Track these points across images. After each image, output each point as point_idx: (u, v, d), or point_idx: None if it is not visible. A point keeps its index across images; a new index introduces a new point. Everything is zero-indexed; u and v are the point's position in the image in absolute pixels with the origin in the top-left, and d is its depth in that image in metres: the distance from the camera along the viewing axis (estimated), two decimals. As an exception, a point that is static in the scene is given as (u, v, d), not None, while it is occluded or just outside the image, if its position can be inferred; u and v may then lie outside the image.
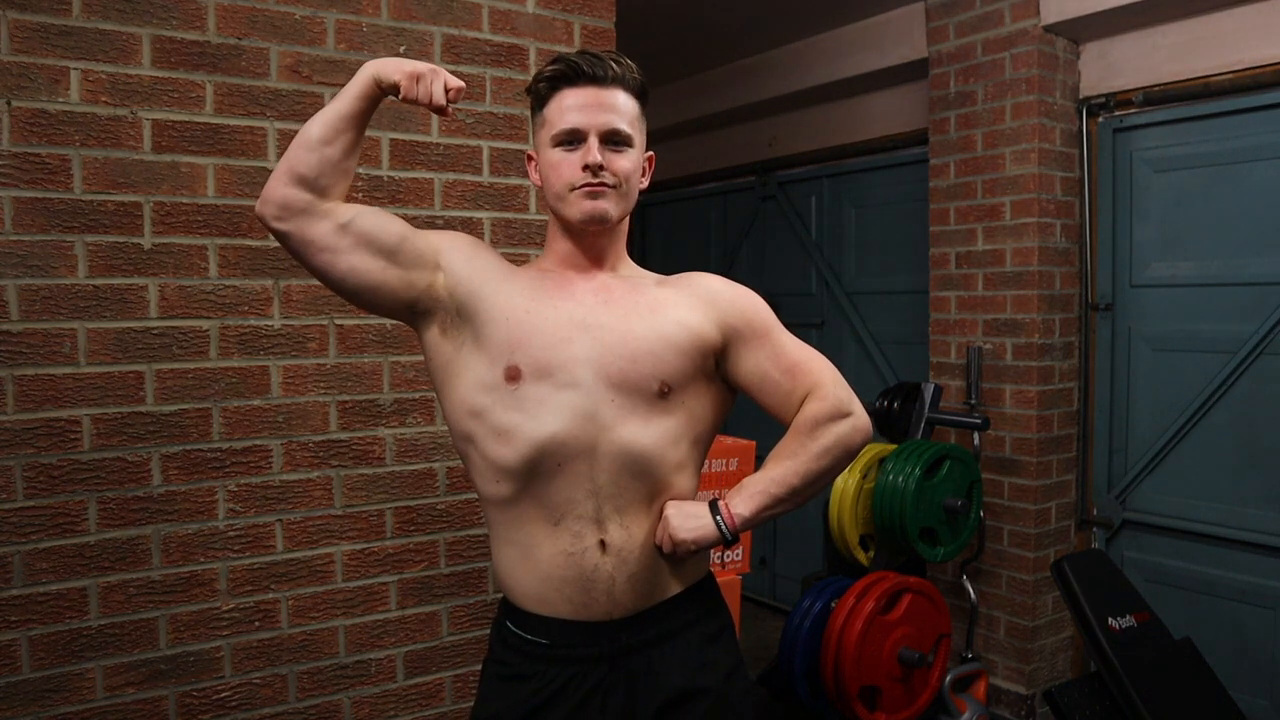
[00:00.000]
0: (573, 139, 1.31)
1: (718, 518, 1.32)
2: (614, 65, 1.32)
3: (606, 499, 1.28)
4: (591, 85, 1.31)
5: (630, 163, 1.33)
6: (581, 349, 1.29)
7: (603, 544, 1.28)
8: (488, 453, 1.30)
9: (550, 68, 1.33)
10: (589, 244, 1.37)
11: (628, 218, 1.40)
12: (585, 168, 1.29)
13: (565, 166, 1.31)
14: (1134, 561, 3.28)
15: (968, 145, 3.39)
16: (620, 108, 1.32)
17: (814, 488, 1.36)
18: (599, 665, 1.30)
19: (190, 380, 1.92)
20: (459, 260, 1.34)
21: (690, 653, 1.35)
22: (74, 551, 1.81)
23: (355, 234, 1.28)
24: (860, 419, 1.36)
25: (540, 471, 1.27)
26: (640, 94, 1.36)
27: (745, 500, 1.33)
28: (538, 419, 1.26)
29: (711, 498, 1.35)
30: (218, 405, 1.95)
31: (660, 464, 1.32)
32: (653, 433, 1.31)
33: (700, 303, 1.37)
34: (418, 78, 1.27)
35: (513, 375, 1.28)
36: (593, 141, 1.30)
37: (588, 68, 1.31)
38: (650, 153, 1.42)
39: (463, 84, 1.31)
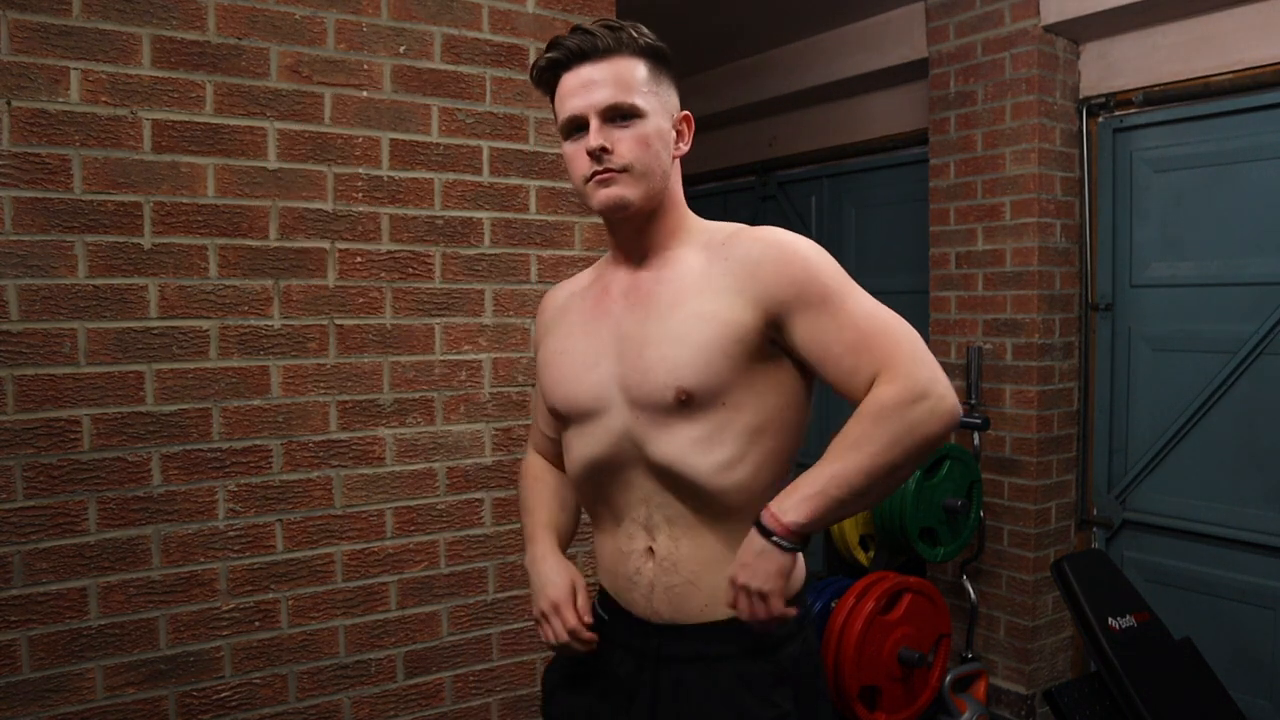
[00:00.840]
0: (576, 127, 1.23)
1: (773, 539, 1.14)
2: (607, 33, 1.21)
3: (656, 508, 1.27)
4: (585, 63, 1.21)
5: (639, 136, 1.21)
6: (606, 371, 1.27)
7: (650, 550, 1.27)
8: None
9: (544, 56, 1.25)
10: (626, 234, 1.29)
11: (670, 191, 1.28)
12: (589, 153, 1.20)
13: (576, 158, 1.23)
14: (1134, 561, 3.28)
15: (968, 145, 3.39)
16: (619, 78, 1.21)
17: (884, 486, 1.17)
18: (634, 656, 1.30)
19: (190, 380, 1.92)
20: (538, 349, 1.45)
21: (717, 689, 1.24)
22: (74, 551, 1.81)
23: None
24: (942, 402, 1.14)
25: (599, 481, 1.32)
26: (649, 53, 1.24)
27: (798, 504, 1.15)
28: (583, 444, 1.32)
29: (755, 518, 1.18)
30: (218, 405, 1.95)
31: (695, 472, 1.21)
32: (678, 443, 1.22)
33: (734, 279, 1.21)
34: (537, 621, 1.34)
35: (557, 414, 1.36)
36: (594, 124, 1.20)
37: (576, 45, 1.21)
38: (685, 112, 1.30)
39: (577, 624, 1.30)
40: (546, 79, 1.26)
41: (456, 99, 2.20)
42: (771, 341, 1.22)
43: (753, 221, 1.32)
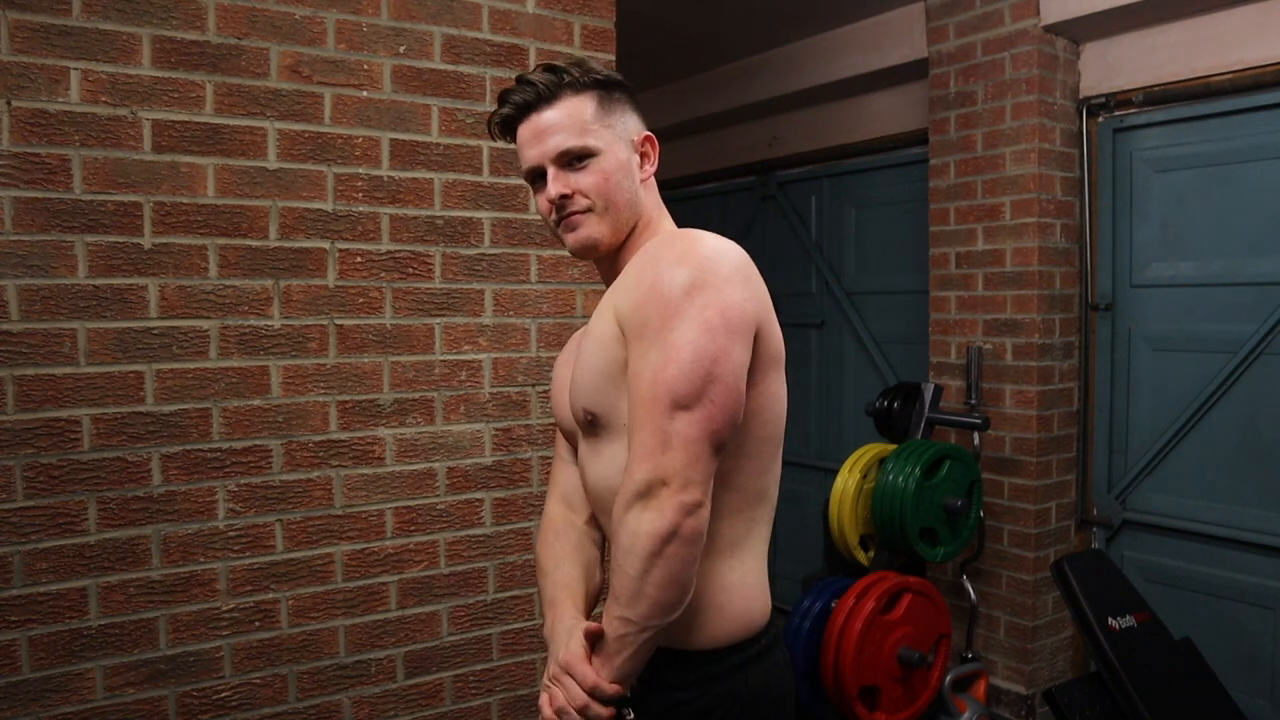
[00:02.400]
0: (537, 176, 1.26)
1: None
2: (549, 77, 1.22)
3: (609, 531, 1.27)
4: (533, 113, 1.24)
5: (598, 174, 1.22)
6: (568, 395, 1.31)
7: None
8: None
9: (496, 113, 1.28)
10: (604, 266, 1.31)
11: (642, 218, 1.27)
12: (550, 203, 1.23)
13: (543, 206, 1.26)
14: (1134, 561, 3.28)
15: (968, 145, 3.39)
16: (563, 122, 1.22)
17: (650, 603, 1.07)
18: None
19: (190, 380, 1.92)
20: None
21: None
22: (74, 551, 1.81)
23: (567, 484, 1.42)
24: (659, 499, 1.05)
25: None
26: (596, 87, 1.24)
27: (605, 662, 1.12)
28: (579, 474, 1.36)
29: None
30: (218, 405, 1.95)
31: (612, 499, 1.18)
32: (601, 465, 1.23)
33: (621, 281, 1.20)
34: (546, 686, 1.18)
35: (566, 437, 1.40)
36: (550, 172, 1.22)
37: (521, 99, 1.24)
38: (645, 133, 1.29)
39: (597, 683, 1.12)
40: (506, 133, 1.29)
41: (456, 99, 2.20)
42: None
43: (752, 222, 1.32)
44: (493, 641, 2.29)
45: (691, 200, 5.20)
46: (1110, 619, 2.59)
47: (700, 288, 1.09)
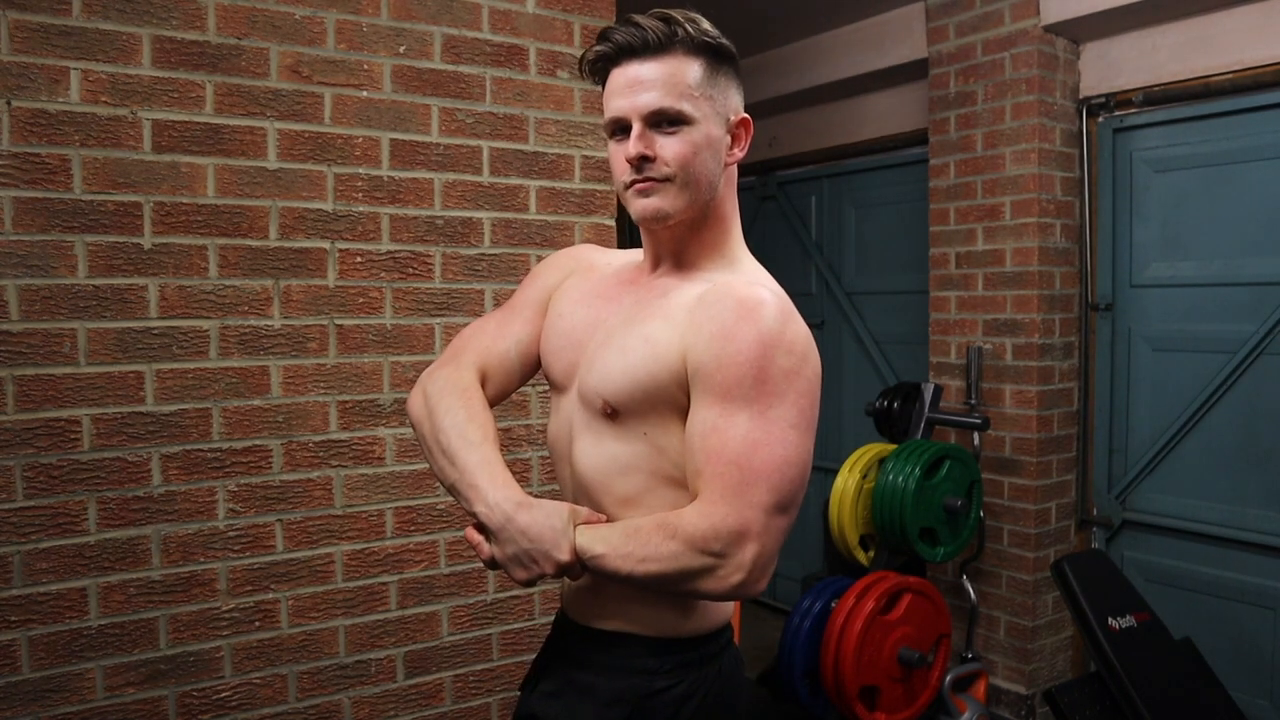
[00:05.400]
0: (620, 128, 1.16)
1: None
2: (660, 26, 1.12)
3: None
4: (633, 60, 1.13)
5: (687, 144, 1.13)
6: (580, 355, 1.24)
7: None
8: None
9: (593, 49, 1.17)
10: (658, 241, 1.22)
11: (718, 204, 1.19)
12: (629, 161, 1.13)
13: (617, 161, 1.16)
14: (1134, 561, 3.28)
15: (968, 145, 3.39)
16: (669, 79, 1.12)
17: (638, 585, 1.10)
18: (556, 650, 1.32)
19: (190, 380, 1.92)
20: (553, 285, 1.37)
21: (587, 707, 1.20)
22: (74, 551, 1.81)
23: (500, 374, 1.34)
24: (730, 576, 1.06)
25: (556, 459, 1.32)
26: (707, 51, 1.15)
27: (595, 539, 1.11)
28: (552, 417, 1.32)
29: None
30: (218, 405, 1.95)
31: (603, 493, 1.19)
32: (600, 454, 1.19)
33: (688, 318, 1.13)
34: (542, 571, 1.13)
35: (544, 372, 1.34)
36: (636, 129, 1.13)
37: (624, 40, 1.13)
38: (743, 115, 1.20)
39: None
40: (596, 72, 1.19)
41: (456, 99, 2.20)
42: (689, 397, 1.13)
43: (752, 222, 1.30)
44: (493, 641, 2.29)
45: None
46: (1110, 619, 2.59)
47: (797, 374, 1.09)
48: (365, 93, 2.09)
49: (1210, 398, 3.05)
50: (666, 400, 1.13)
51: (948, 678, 3.01)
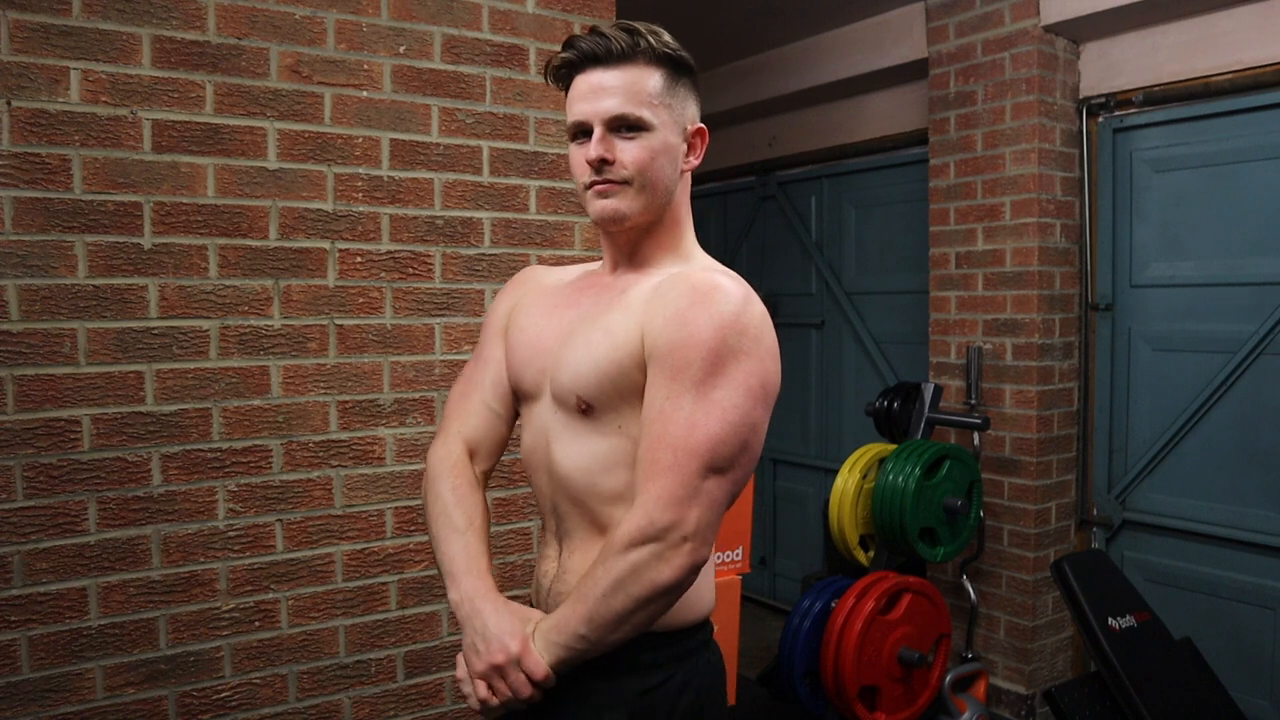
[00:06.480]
0: (583, 131, 1.20)
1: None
2: (623, 37, 1.18)
3: (561, 517, 1.26)
4: (597, 68, 1.19)
5: (644, 150, 1.18)
6: (547, 360, 1.26)
7: (559, 556, 1.27)
8: None
9: (558, 55, 1.23)
10: (617, 243, 1.27)
11: (672, 208, 1.25)
12: (589, 163, 1.19)
13: (578, 163, 1.21)
14: (1134, 561, 3.28)
15: (968, 145, 3.39)
16: (630, 87, 1.18)
17: (616, 634, 1.11)
18: None
19: (190, 380, 1.92)
20: (506, 313, 1.39)
21: (586, 712, 1.20)
22: (74, 551, 1.81)
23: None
24: (678, 554, 1.08)
25: (532, 472, 1.32)
26: (666, 62, 1.21)
27: (547, 647, 1.13)
28: (526, 430, 1.32)
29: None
30: (218, 405, 1.95)
31: (589, 492, 1.20)
32: (581, 454, 1.21)
33: (647, 305, 1.17)
34: (471, 679, 1.17)
35: (513, 388, 1.34)
36: (597, 133, 1.18)
37: (589, 48, 1.18)
38: (699, 125, 1.27)
39: (533, 691, 1.14)
40: (566, 78, 1.24)
41: (456, 99, 2.20)
42: None
43: (752, 222, 1.32)
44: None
45: (691, 200, 5.19)
46: (1110, 619, 2.59)
47: (747, 355, 1.12)
48: (365, 93, 2.09)
49: (1210, 398, 3.05)
50: (632, 388, 1.16)
51: (948, 678, 3.01)
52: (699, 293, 1.13)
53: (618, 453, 1.18)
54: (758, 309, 1.15)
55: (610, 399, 1.18)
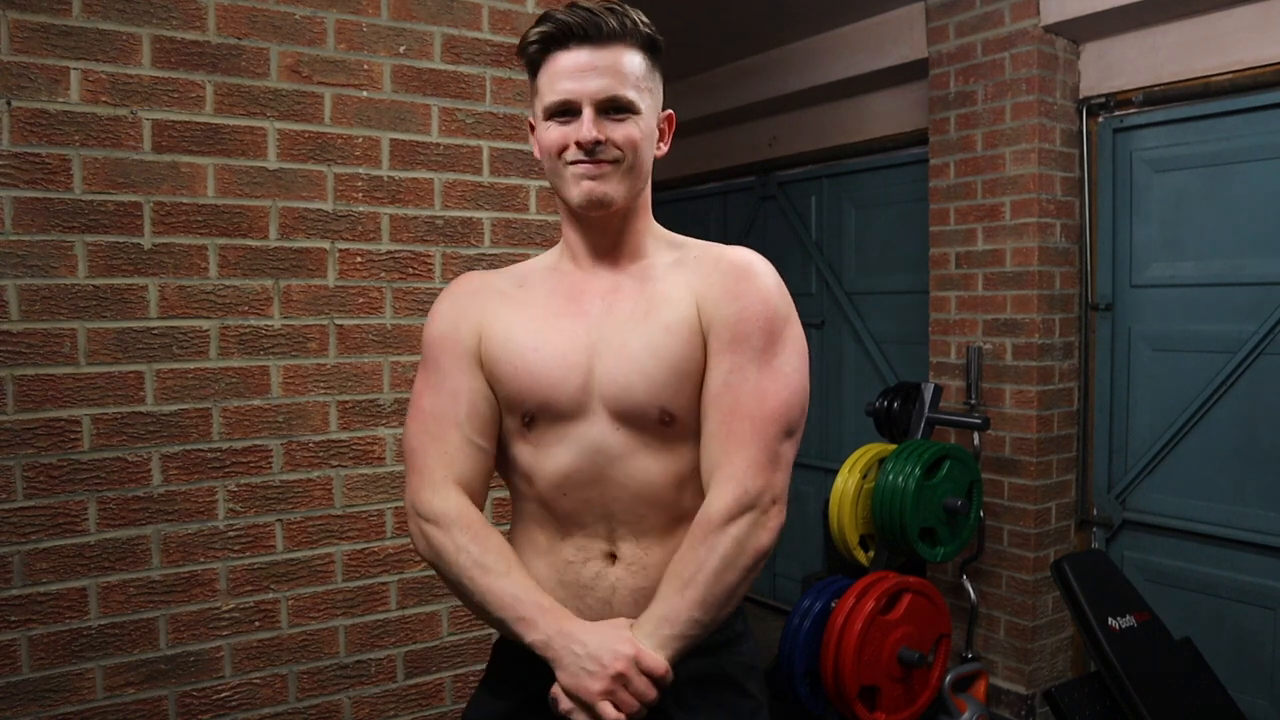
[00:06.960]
0: (566, 110, 1.15)
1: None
2: (612, 18, 1.14)
3: (621, 523, 1.21)
4: (585, 46, 1.14)
5: (635, 131, 1.16)
6: (586, 376, 1.18)
7: (612, 556, 1.21)
8: (514, 483, 1.29)
9: (537, 28, 1.16)
10: (599, 232, 1.22)
11: (646, 193, 1.24)
12: (579, 145, 1.14)
13: (557, 142, 1.16)
14: (1134, 561, 3.28)
15: (968, 145, 3.39)
16: (621, 69, 1.14)
17: (727, 608, 1.14)
18: None
19: (190, 380, 1.92)
20: (469, 333, 1.26)
21: (701, 686, 1.20)
22: (74, 551, 1.81)
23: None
24: (771, 517, 1.13)
25: (551, 498, 1.23)
26: (649, 47, 1.19)
27: (661, 643, 1.12)
28: (553, 458, 1.20)
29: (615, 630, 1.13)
30: (218, 405, 1.95)
31: (660, 508, 1.19)
32: (663, 468, 1.18)
33: (701, 285, 1.17)
34: (592, 702, 1.10)
35: (529, 420, 1.22)
36: (587, 114, 1.13)
37: (579, 25, 1.13)
38: (668, 111, 1.25)
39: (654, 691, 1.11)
40: (538, 53, 1.17)
41: (456, 99, 2.20)
42: None
43: (752, 222, 1.32)
44: (493, 641, 2.29)
45: (692, 200, 5.20)
46: (1110, 619, 2.59)
47: (793, 321, 1.20)
48: (365, 93, 2.09)
49: (1210, 398, 3.05)
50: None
51: (948, 678, 3.01)
52: (738, 267, 1.18)
53: (694, 465, 1.19)
54: (779, 277, 1.23)
55: (687, 397, 1.17)
